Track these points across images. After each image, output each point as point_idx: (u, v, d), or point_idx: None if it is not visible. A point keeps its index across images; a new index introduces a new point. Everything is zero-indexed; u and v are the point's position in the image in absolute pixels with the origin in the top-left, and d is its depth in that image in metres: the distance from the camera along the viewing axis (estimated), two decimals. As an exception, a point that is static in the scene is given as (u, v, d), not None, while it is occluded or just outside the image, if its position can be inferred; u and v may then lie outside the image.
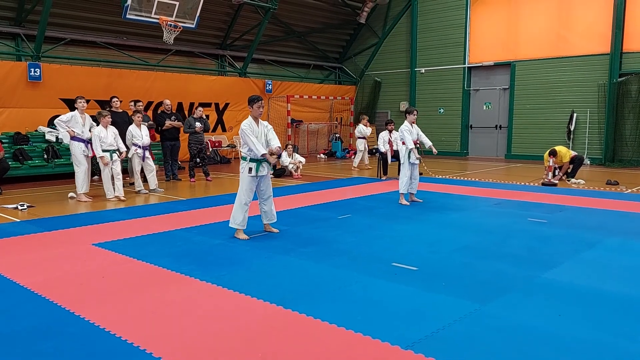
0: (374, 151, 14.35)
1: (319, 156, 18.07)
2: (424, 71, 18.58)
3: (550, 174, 10.76)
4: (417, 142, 8.27)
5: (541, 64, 15.86)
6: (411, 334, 3.24)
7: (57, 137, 11.50)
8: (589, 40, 14.92)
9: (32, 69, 11.90)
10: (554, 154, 10.85)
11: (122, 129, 9.34)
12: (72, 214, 7.42)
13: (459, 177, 11.70)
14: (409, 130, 8.14)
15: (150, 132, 10.20)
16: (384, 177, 11.64)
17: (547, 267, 4.66)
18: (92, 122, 8.93)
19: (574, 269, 4.66)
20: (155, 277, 4.44)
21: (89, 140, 8.68)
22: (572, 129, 15.14)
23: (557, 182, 10.53)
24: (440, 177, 11.79)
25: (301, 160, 12.50)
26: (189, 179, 11.10)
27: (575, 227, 6.36)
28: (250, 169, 5.78)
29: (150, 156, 9.63)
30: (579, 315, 3.57)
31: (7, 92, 11.66)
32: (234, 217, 5.86)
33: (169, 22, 12.75)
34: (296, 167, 12.15)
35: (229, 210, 5.98)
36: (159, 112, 11.69)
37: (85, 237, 5.94)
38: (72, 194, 8.88)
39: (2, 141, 10.76)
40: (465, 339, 3.18)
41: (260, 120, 5.94)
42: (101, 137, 8.54)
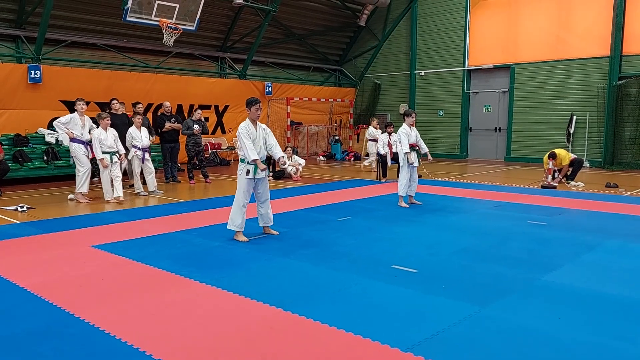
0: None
1: (318, 158, 18.09)
2: (423, 74, 18.59)
3: (549, 177, 10.76)
4: (416, 145, 8.27)
5: (541, 67, 15.88)
6: (411, 336, 3.24)
7: (56, 139, 11.51)
8: (589, 42, 14.94)
9: (33, 71, 11.92)
10: (553, 156, 10.85)
11: (122, 131, 9.35)
12: (72, 216, 7.41)
13: (458, 180, 11.70)
14: (407, 133, 8.12)
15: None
16: (383, 180, 11.64)
17: (547, 270, 4.66)
18: (92, 124, 8.94)
19: (573, 271, 4.66)
20: (154, 279, 4.44)
21: (89, 142, 8.69)
22: (571, 132, 15.15)
23: (556, 184, 10.53)
24: (439, 179, 11.79)
25: (301, 162, 12.50)
26: (188, 181, 11.11)
27: (574, 230, 6.36)
28: (248, 171, 5.78)
29: (149, 158, 9.64)
30: (578, 317, 3.57)
31: (8, 94, 11.68)
32: (233, 219, 5.86)
33: (169, 25, 12.77)
34: (296, 169, 12.15)
35: (228, 212, 5.98)
36: (159, 114, 11.69)
37: (84, 238, 5.94)
38: (71, 196, 8.88)
39: (2, 143, 10.77)
40: (465, 341, 3.18)
41: (258, 123, 5.95)
42: (101, 139, 8.54)
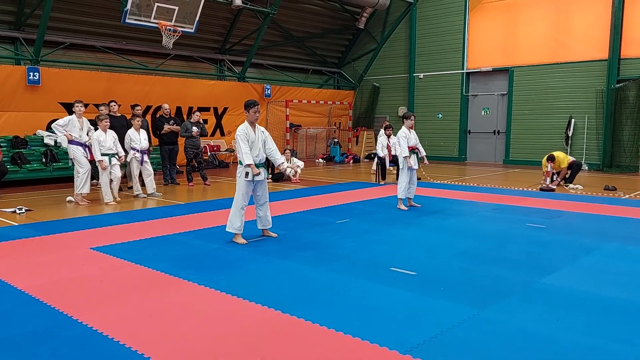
0: (372, 156, 14.34)
1: (317, 161, 18.10)
2: (422, 76, 18.62)
3: (548, 180, 10.77)
4: (415, 148, 8.28)
5: (539, 70, 15.91)
6: (409, 338, 3.24)
7: (55, 141, 11.49)
8: (587, 46, 14.98)
9: (31, 73, 11.91)
10: (552, 159, 10.86)
11: (120, 133, 9.35)
12: (70, 218, 7.40)
13: (457, 182, 11.70)
14: (406, 136, 8.12)
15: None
16: (382, 182, 11.64)
17: (546, 273, 4.67)
18: (90, 126, 8.93)
19: (572, 274, 4.66)
20: (153, 281, 4.43)
21: (87, 144, 8.68)
22: (570, 135, 15.17)
23: (555, 187, 10.54)
24: (438, 182, 11.80)
25: (299, 164, 12.49)
26: (187, 183, 11.10)
27: (573, 233, 6.37)
28: (247, 174, 5.78)
29: (148, 160, 9.64)
30: (577, 320, 3.57)
31: (6, 96, 11.67)
32: (232, 221, 5.86)
33: (168, 27, 12.77)
34: (294, 172, 12.15)
35: (227, 214, 5.98)
36: (158, 116, 11.70)
37: (83, 241, 5.93)
38: (70, 198, 8.86)
39: (1, 145, 10.76)
40: (463, 344, 3.18)
41: (257, 125, 5.95)
42: (100, 140, 8.54)
